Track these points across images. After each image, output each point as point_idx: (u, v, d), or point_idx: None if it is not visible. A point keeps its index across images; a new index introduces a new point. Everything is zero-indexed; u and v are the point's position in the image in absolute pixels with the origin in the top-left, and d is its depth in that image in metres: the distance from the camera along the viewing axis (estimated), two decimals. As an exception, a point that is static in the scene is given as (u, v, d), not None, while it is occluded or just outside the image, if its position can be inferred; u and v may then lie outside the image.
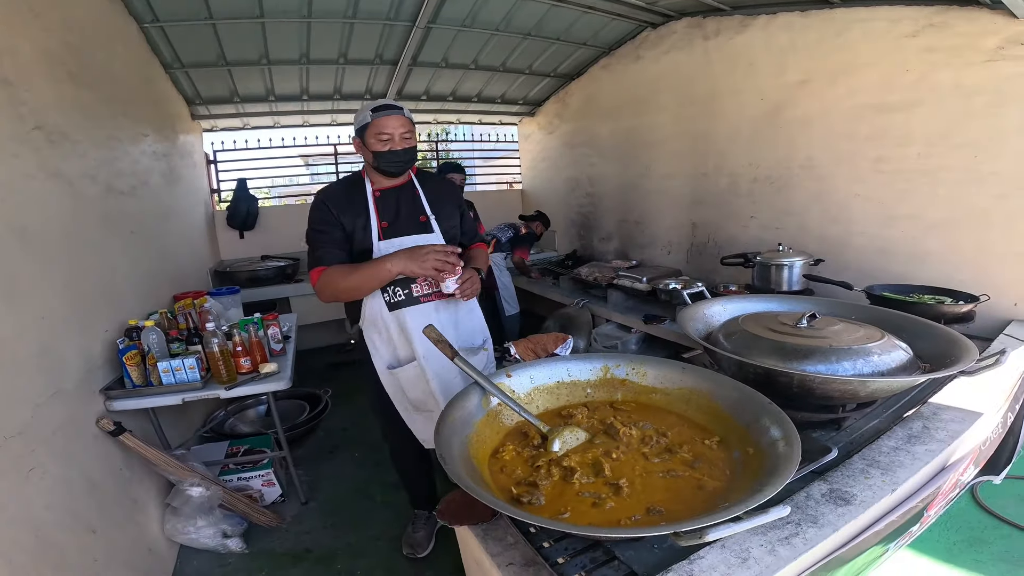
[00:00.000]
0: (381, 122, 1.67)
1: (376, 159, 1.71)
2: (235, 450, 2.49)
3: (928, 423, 1.36)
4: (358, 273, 1.62)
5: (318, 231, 1.71)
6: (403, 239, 1.74)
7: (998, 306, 2.11)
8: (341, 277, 1.64)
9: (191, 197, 3.78)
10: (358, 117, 1.72)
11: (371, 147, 1.70)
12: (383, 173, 1.75)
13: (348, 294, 1.67)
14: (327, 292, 1.66)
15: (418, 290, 1.74)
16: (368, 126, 1.68)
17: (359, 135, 1.72)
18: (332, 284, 1.64)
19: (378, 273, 1.59)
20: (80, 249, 2.07)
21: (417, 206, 1.81)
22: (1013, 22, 2.01)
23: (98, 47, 2.45)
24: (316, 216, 1.73)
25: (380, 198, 1.77)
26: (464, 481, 0.85)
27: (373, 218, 1.74)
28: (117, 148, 2.56)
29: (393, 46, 3.63)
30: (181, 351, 2.20)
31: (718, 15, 3.14)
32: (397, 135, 1.69)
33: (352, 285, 1.64)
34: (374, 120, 1.67)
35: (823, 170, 2.73)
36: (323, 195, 1.77)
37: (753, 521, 0.76)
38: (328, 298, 1.66)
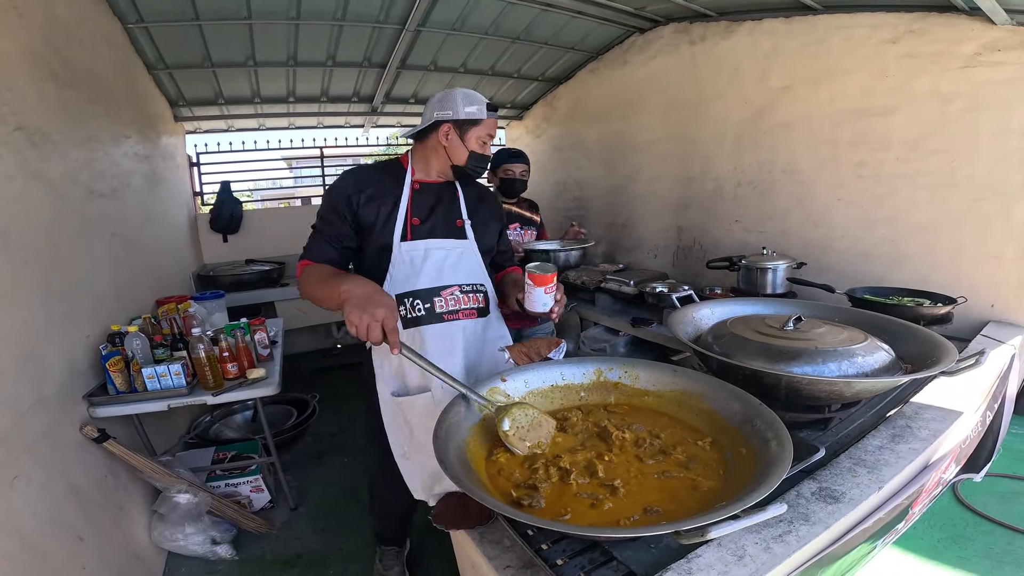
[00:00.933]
0: (492, 123, 1.56)
1: (471, 161, 1.56)
2: (222, 456, 2.46)
3: (911, 422, 1.40)
4: (323, 286, 1.34)
5: (322, 218, 1.53)
6: (434, 242, 1.55)
7: (975, 307, 2.18)
8: (311, 282, 1.40)
9: (173, 199, 3.73)
10: (462, 106, 1.52)
11: (469, 144, 1.54)
12: (459, 177, 1.62)
13: (317, 303, 1.40)
14: (302, 290, 1.46)
15: (442, 304, 1.52)
16: (478, 123, 1.53)
17: (458, 127, 1.53)
18: (305, 286, 1.43)
19: (333, 294, 1.26)
20: (61, 252, 2.04)
21: (455, 207, 1.64)
22: (990, 28, 2.06)
23: (81, 47, 2.40)
24: (328, 201, 1.54)
25: (419, 192, 1.58)
26: (465, 485, 0.85)
27: (403, 212, 1.54)
28: (98, 149, 2.52)
29: (382, 49, 3.61)
30: (166, 357, 2.17)
31: (704, 21, 3.19)
32: (491, 140, 1.61)
33: (316, 295, 1.37)
34: (489, 119, 1.55)
35: (805, 175, 2.79)
36: (352, 177, 1.56)
37: (752, 519, 0.78)
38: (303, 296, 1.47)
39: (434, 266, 1.53)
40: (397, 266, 1.51)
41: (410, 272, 1.51)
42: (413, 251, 1.52)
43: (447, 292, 1.53)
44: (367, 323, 1.13)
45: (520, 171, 2.53)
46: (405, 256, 1.51)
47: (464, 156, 1.55)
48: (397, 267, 1.51)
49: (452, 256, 1.57)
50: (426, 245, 1.53)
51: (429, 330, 1.50)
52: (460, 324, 1.53)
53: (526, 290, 1.43)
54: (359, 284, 1.23)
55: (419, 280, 1.51)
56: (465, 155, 1.55)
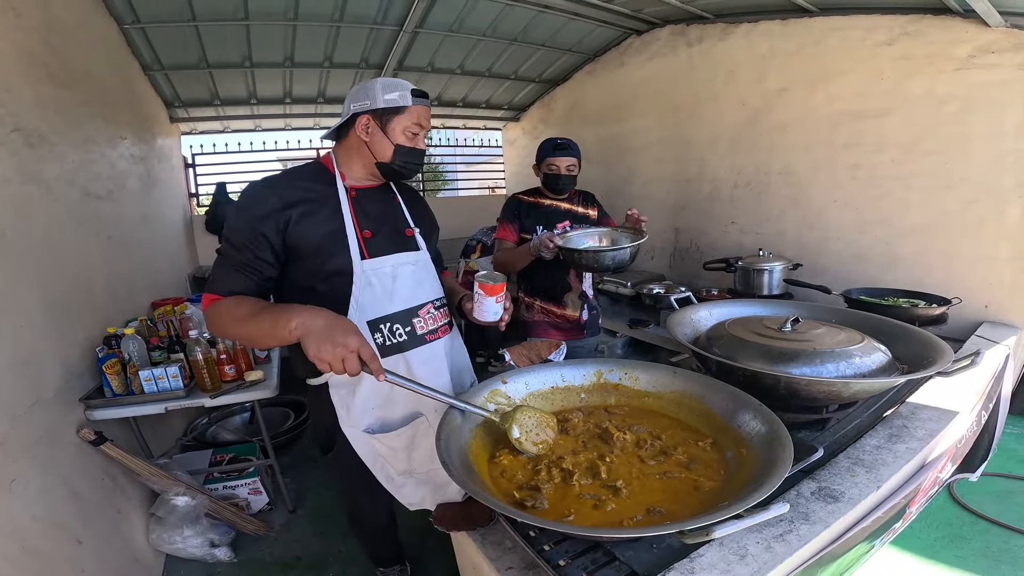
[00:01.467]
0: (420, 111, 1.34)
1: (396, 154, 1.34)
2: (219, 459, 2.45)
3: (907, 422, 1.41)
4: (253, 322, 1.12)
5: (233, 244, 1.24)
6: (399, 257, 1.38)
7: (970, 308, 2.20)
8: (230, 320, 1.16)
9: (169, 201, 3.71)
10: (381, 94, 1.31)
11: (393, 136, 1.33)
12: (387, 174, 1.40)
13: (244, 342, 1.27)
14: (216, 330, 1.22)
15: (422, 325, 1.38)
16: (402, 111, 1.32)
17: (377, 117, 1.33)
18: (221, 325, 1.18)
19: (276, 330, 1.06)
20: (57, 254, 2.02)
21: (400, 215, 1.47)
22: (984, 30, 2.08)
23: (78, 48, 2.40)
24: (243, 222, 1.25)
25: (357, 199, 1.37)
26: (469, 487, 0.86)
27: (350, 226, 1.31)
28: (95, 151, 2.51)
29: (379, 50, 3.61)
30: (163, 359, 2.16)
31: (701, 23, 3.21)
32: (424, 132, 1.38)
33: (242, 334, 1.17)
34: (414, 106, 1.33)
35: (801, 176, 2.81)
36: (271, 191, 1.27)
37: (755, 518, 0.79)
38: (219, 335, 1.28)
39: (405, 285, 1.37)
40: (363, 289, 1.31)
41: (380, 295, 1.33)
42: (380, 269, 1.33)
43: (424, 311, 1.40)
44: (342, 355, 1.00)
45: (567, 165, 2.26)
46: (371, 277, 1.32)
47: (389, 151, 1.34)
48: (363, 291, 1.31)
49: (419, 271, 1.42)
50: (392, 261, 1.36)
51: (414, 355, 1.36)
52: (441, 343, 1.42)
53: (476, 299, 1.37)
54: (312, 314, 1.05)
55: (393, 302, 1.34)
56: (390, 149, 1.34)
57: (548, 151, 2.28)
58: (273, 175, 1.36)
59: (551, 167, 2.27)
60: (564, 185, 2.31)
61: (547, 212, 2.33)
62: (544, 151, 2.31)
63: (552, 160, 2.26)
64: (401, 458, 1.39)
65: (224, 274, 1.25)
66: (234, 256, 1.24)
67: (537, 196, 2.38)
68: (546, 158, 2.28)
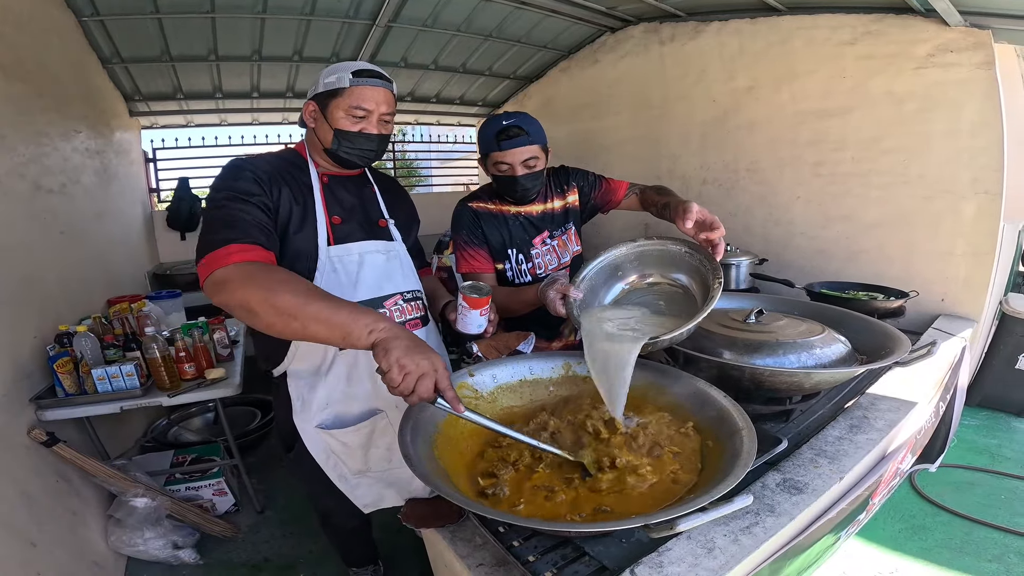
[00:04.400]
0: (362, 92, 1.24)
1: (336, 140, 1.27)
2: (181, 460, 2.37)
3: (867, 413, 1.43)
4: (327, 305, 0.95)
5: (239, 198, 1.12)
6: (367, 244, 1.33)
7: (927, 301, 2.26)
8: (293, 292, 0.95)
9: (127, 196, 3.58)
10: (323, 78, 1.27)
11: (334, 121, 1.25)
12: (337, 161, 1.33)
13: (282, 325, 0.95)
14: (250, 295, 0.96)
15: (399, 315, 1.34)
16: (339, 92, 1.24)
17: (319, 101, 1.27)
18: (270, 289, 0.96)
19: (353, 324, 0.93)
20: (6, 249, 1.94)
21: (374, 205, 1.42)
22: (944, 30, 2.13)
23: (32, 40, 2.32)
24: (235, 183, 1.16)
25: (329, 186, 1.33)
26: (432, 481, 0.84)
27: (320, 210, 1.27)
28: (47, 144, 2.41)
29: (351, 44, 3.55)
30: (118, 358, 2.07)
31: (674, 20, 3.23)
32: (377, 114, 1.28)
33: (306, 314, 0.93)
34: (353, 87, 1.23)
35: (767, 174, 2.86)
36: (254, 164, 1.23)
37: (719, 511, 0.79)
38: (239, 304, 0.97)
39: (372, 273, 1.32)
40: (325, 275, 1.26)
41: (344, 281, 1.27)
42: (345, 256, 1.28)
43: (391, 303, 1.33)
44: (422, 371, 0.89)
45: (523, 160, 1.56)
46: (336, 263, 1.27)
47: (329, 136, 1.27)
48: (326, 276, 1.26)
49: (390, 261, 1.37)
50: (360, 248, 1.31)
51: None
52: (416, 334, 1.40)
53: (460, 312, 1.32)
54: (394, 324, 0.95)
55: (357, 291, 1.28)
56: (330, 135, 1.27)
57: (490, 142, 1.58)
58: (252, 155, 1.31)
59: (499, 166, 1.60)
60: (525, 190, 1.63)
61: (515, 225, 1.73)
62: (485, 141, 1.60)
63: (498, 156, 1.58)
64: (357, 456, 1.35)
65: (237, 224, 1.06)
66: (248, 211, 1.10)
67: (497, 201, 1.73)
68: (490, 153, 1.60)
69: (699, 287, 1.28)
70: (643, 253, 1.39)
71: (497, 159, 1.58)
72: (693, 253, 1.30)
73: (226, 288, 0.98)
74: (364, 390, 1.32)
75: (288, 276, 1.01)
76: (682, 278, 1.35)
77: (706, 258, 1.25)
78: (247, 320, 0.98)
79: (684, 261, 1.33)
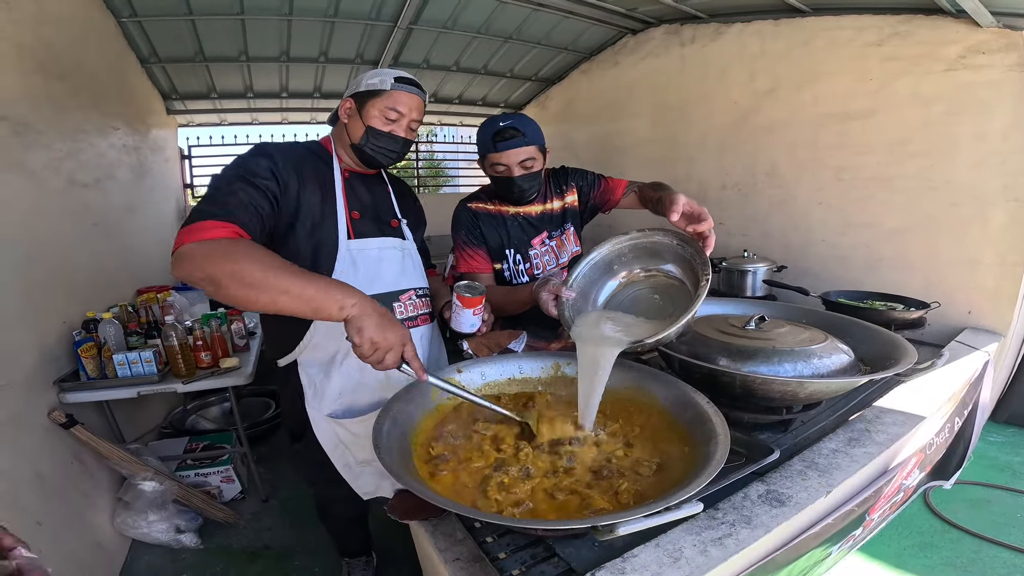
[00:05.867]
0: (399, 96, 1.31)
1: (366, 137, 1.33)
2: (194, 446, 2.46)
3: (870, 426, 1.38)
4: (296, 278, 0.95)
5: (244, 178, 1.14)
6: (385, 241, 1.38)
7: (951, 313, 2.16)
8: (259, 264, 0.94)
9: (161, 192, 3.74)
10: (365, 79, 1.33)
11: (368, 119, 1.31)
12: (361, 159, 1.38)
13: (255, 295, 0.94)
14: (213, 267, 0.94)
15: (402, 311, 1.38)
16: (379, 95, 1.31)
17: (357, 99, 1.34)
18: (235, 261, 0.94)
19: (325, 298, 0.94)
20: (39, 240, 2.05)
21: (388, 204, 1.47)
22: (975, 31, 2.04)
23: (71, 40, 2.45)
24: (249, 162, 1.19)
25: (349, 181, 1.38)
26: (405, 480, 0.85)
27: (340, 203, 1.32)
28: (83, 140, 2.54)
29: (374, 46, 3.63)
30: (139, 344, 2.17)
31: (695, 22, 3.19)
32: (407, 120, 1.34)
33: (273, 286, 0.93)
34: (392, 91, 1.31)
35: (787, 178, 2.78)
36: (280, 150, 1.26)
37: (666, 517, 0.77)
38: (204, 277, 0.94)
39: (390, 268, 1.38)
40: (345, 267, 1.30)
41: (363, 274, 1.32)
42: (365, 250, 1.33)
43: (405, 297, 1.39)
44: (390, 345, 0.96)
45: (520, 161, 1.56)
46: (356, 256, 1.32)
47: (360, 132, 1.33)
48: (345, 268, 1.30)
49: (405, 258, 1.43)
50: (378, 244, 1.36)
51: None
52: (419, 332, 1.41)
53: (454, 310, 1.33)
54: (366, 298, 0.98)
55: (375, 284, 1.32)
56: (361, 131, 1.32)
57: (487, 143, 1.58)
58: (279, 142, 1.37)
59: (496, 167, 1.60)
60: (522, 190, 1.62)
61: (513, 225, 1.74)
62: (483, 143, 1.60)
63: (495, 157, 1.57)
64: (364, 445, 1.35)
65: (226, 201, 1.08)
66: (247, 192, 1.12)
67: (496, 201, 1.74)
68: (487, 154, 1.59)
69: (692, 280, 1.24)
70: (635, 247, 1.37)
71: (494, 160, 1.59)
72: (684, 245, 1.26)
73: (189, 263, 0.96)
74: (376, 379, 1.35)
75: (254, 248, 1.00)
76: (675, 271, 1.32)
77: (696, 251, 1.22)
78: (213, 294, 0.96)
79: (676, 253, 1.30)
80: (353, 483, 1.42)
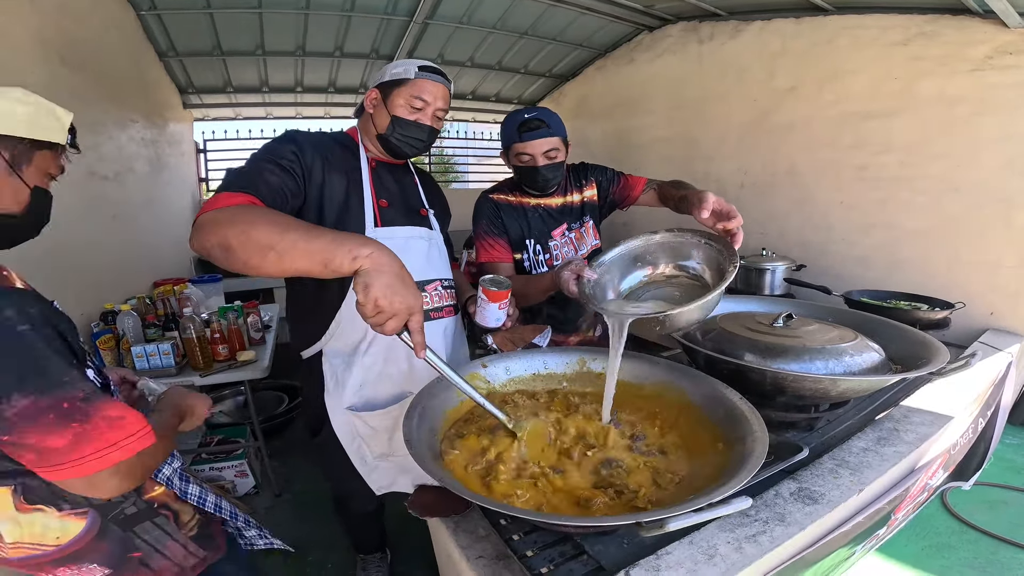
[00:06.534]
0: (424, 85, 1.29)
1: (392, 127, 1.32)
2: (209, 440, 2.47)
3: (898, 425, 1.37)
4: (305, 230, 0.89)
5: (270, 159, 1.15)
6: (412, 230, 1.37)
7: (974, 314, 2.14)
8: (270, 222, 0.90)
9: (178, 185, 3.76)
10: (390, 69, 1.32)
11: (394, 108, 1.31)
12: (387, 149, 1.37)
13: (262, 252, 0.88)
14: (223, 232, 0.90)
15: (427, 301, 1.35)
16: (403, 83, 1.29)
17: (383, 89, 1.33)
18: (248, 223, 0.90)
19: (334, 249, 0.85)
20: (59, 231, 2.04)
21: (415, 194, 1.46)
22: (1002, 31, 2.03)
23: (92, 33, 2.47)
24: (276, 147, 1.19)
25: (376, 170, 1.38)
26: (437, 474, 0.84)
27: (368, 192, 1.31)
28: (103, 133, 2.56)
29: (390, 41, 3.63)
30: (157, 337, 2.18)
31: (714, 20, 3.17)
32: (433, 108, 1.33)
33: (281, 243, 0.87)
34: (417, 79, 1.29)
35: (807, 177, 2.76)
36: (307, 137, 1.27)
37: (715, 512, 0.76)
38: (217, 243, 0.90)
39: (417, 258, 1.36)
40: None
41: None
42: (392, 239, 1.26)
43: (431, 287, 1.38)
44: (395, 311, 0.84)
45: (544, 151, 1.60)
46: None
47: (386, 122, 1.32)
48: None
49: (432, 248, 1.42)
50: (406, 233, 1.35)
51: None
52: (443, 323, 1.41)
53: (479, 304, 1.33)
54: (386, 251, 0.87)
55: None
56: (387, 121, 1.32)
57: (512, 134, 1.62)
58: (306, 131, 1.35)
59: (521, 157, 1.63)
60: (546, 180, 1.66)
61: (534, 216, 1.77)
62: (508, 134, 1.64)
63: (520, 147, 1.61)
64: (382, 440, 1.36)
65: (250, 176, 1.09)
66: (271, 171, 1.13)
67: (517, 193, 1.77)
68: (512, 144, 1.63)
69: (717, 278, 1.23)
70: (662, 244, 1.38)
71: (519, 150, 1.62)
72: (712, 244, 1.27)
73: (203, 230, 0.92)
74: (399, 370, 1.35)
75: (268, 211, 0.97)
76: (699, 268, 1.33)
77: (724, 247, 1.23)
78: (224, 260, 0.91)
79: (703, 251, 1.30)
80: (367, 477, 1.42)
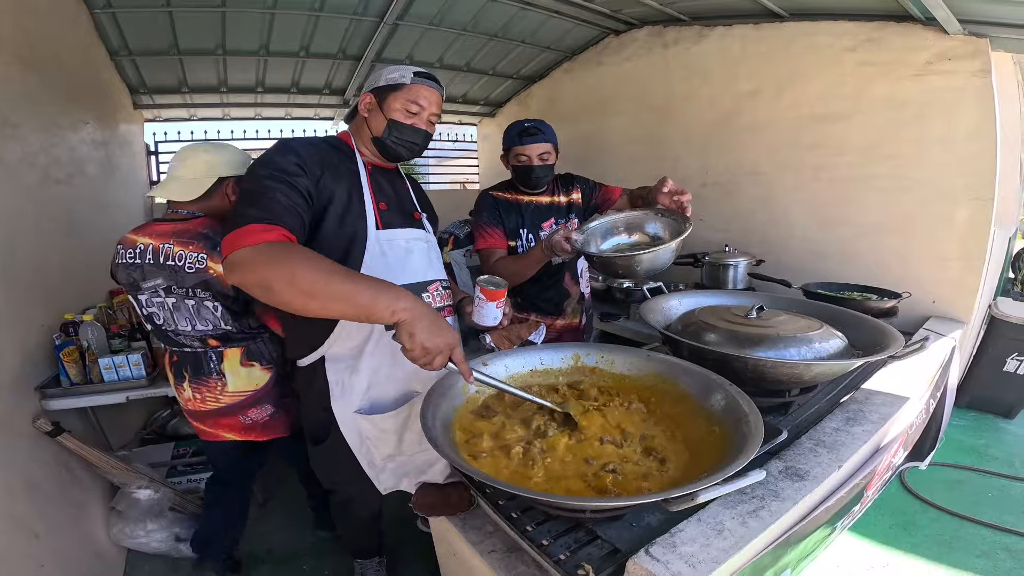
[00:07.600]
0: (420, 90, 1.35)
1: (388, 130, 1.35)
2: (183, 452, 2.38)
3: (863, 406, 1.48)
4: (351, 283, 0.97)
5: (278, 177, 1.14)
6: (412, 232, 1.42)
7: (918, 303, 2.32)
8: (316, 270, 0.96)
9: (129, 188, 3.58)
10: (385, 74, 1.36)
11: (390, 112, 1.34)
12: (383, 152, 1.40)
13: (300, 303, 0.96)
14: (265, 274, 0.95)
15: (431, 301, 1.40)
16: (399, 88, 1.33)
17: (377, 94, 1.36)
18: (293, 267, 0.95)
19: (375, 302, 0.95)
20: (15, 237, 1.95)
21: (408, 198, 1.51)
22: (943, 38, 2.18)
23: (49, 31, 2.35)
24: (277, 160, 1.18)
25: (373, 174, 1.40)
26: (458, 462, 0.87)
27: (368, 195, 1.33)
28: (56, 134, 2.44)
29: (357, 41, 3.57)
30: (123, 347, 2.08)
31: (678, 25, 3.27)
32: (427, 113, 1.38)
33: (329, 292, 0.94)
34: (413, 84, 1.34)
35: (768, 176, 2.90)
36: (302, 145, 1.26)
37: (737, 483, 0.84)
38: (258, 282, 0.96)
39: (419, 259, 1.41)
40: (375, 257, 1.31)
41: (392, 265, 1.33)
42: (394, 241, 1.35)
43: (433, 288, 1.41)
44: (439, 349, 0.98)
45: (539, 154, 1.90)
46: (385, 247, 1.33)
47: (382, 126, 1.35)
48: (375, 258, 1.31)
49: (430, 250, 1.47)
50: (406, 235, 1.39)
51: None
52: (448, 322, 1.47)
53: (477, 304, 1.38)
54: (417, 301, 0.99)
55: (404, 274, 1.34)
56: (383, 125, 1.35)
57: (514, 138, 1.93)
58: (298, 138, 1.36)
59: (520, 158, 1.94)
60: (539, 178, 1.96)
61: (527, 210, 2.05)
62: (510, 138, 1.96)
63: (520, 149, 1.92)
64: (390, 441, 1.37)
65: (268, 204, 1.08)
66: (283, 192, 1.11)
67: (514, 192, 2.08)
68: (513, 147, 1.95)
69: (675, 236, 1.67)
70: (632, 217, 1.84)
71: (518, 152, 1.94)
72: (669, 215, 1.73)
73: (242, 268, 0.97)
74: (405, 371, 1.35)
75: (307, 254, 1.00)
76: (662, 233, 1.77)
77: (679, 216, 1.68)
78: (263, 298, 0.98)
79: (662, 221, 1.77)
80: (375, 479, 1.43)
